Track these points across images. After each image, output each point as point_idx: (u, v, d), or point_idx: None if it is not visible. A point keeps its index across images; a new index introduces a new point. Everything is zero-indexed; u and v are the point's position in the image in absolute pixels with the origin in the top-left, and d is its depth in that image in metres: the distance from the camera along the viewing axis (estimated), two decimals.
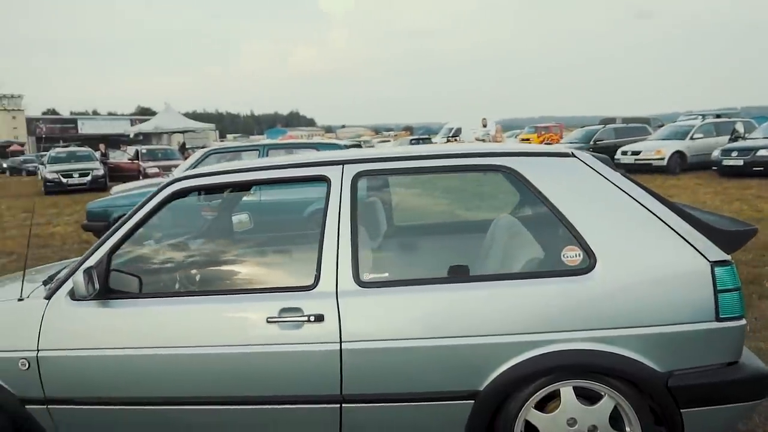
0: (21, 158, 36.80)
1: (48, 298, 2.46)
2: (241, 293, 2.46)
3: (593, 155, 2.41)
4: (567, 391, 2.19)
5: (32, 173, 27.91)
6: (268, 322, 2.26)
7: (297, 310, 2.25)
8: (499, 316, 2.19)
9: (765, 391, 2.21)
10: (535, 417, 2.22)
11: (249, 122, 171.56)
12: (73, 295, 2.37)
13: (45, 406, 2.44)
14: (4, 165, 36.44)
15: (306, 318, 2.23)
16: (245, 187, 2.68)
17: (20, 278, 2.71)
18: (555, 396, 2.22)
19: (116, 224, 2.51)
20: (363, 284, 2.27)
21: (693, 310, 2.15)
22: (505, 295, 2.22)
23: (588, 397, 2.20)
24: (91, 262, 2.40)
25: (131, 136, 27.16)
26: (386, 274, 2.44)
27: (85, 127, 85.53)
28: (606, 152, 16.69)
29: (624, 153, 15.76)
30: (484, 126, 16.67)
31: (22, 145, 57.35)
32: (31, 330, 2.41)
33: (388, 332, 2.22)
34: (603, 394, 2.18)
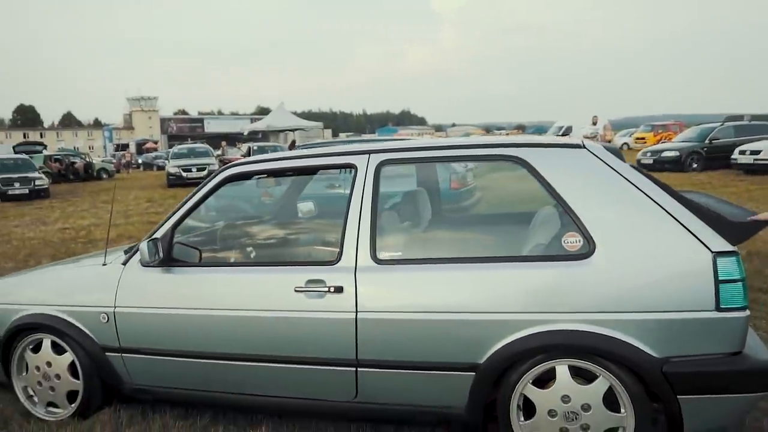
0: (153, 154, 40.44)
1: (124, 264, 2.93)
2: (277, 265, 2.79)
3: (605, 147, 2.48)
4: (562, 370, 2.30)
5: (162, 168, 30.61)
6: (296, 291, 2.56)
7: (320, 281, 2.54)
8: (499, 296, 2.34)
9: None
10: (532, 392, 2.35)
11: (361, 121, 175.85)
12: (143, 262, 2.81)
13: (120, 354, 2.91)
14: (139, 161, 40.25)
15: (327, 289, 2.51)
16: (285, 173, 3.01)
17: (113, 250, 3.23)
18: (555, 375, 2.33)
19: (180, 203, 2.93)
20: (379, 261, 2.51)
21: (692, 299, 2.18)
22: (507, 277, 2.37)
23: (585, 377, 2.30)
24: (158, 234, 2.84)
25: (245, 134, 29.00)
26: (400, 253, 2.66)
27: (210, 126, 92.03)
28: (722, 151, 15.67)
29: (742, 152, 14.61)
30: (594, 124, 16.16)
31: (155, 142, 62.93)
32: (110, 290, 2.90)
33: (399, 305, 2.45)
34: (598, 374, 2.27)
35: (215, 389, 2.80)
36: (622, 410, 2.27)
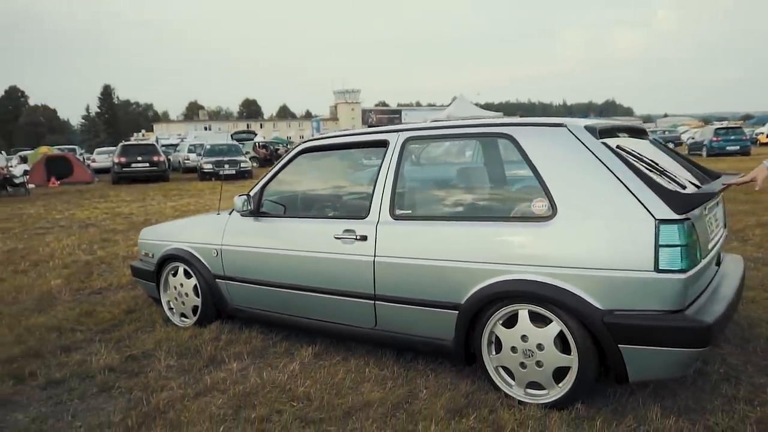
0: None
1: (230, 213, 3.92)
2: (328, 218, 3.53)
3: (586, 126, 2.79)
4: (523, 313, 2.72)
5: None
6: (335, 237, 3.29)
7: (352, 231, 3.23)
8: (478, 248, 2.82)
9: (703, 342, 2.39)
10: (501, 331, 2.79)
11: (560, 112, 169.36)
12: (237, 210, 3.76)
13: (225, 281, 3.90)
14: None
15: (356, 237, 3.20)
16: (340, 147, 3.72)
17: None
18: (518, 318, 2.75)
19: (269, 170, 3.82)
20: (396, 217, 3.13)
21: (635, 260, 2.46)
22: (485, 233, 2.83)
23: (542, 321, 2.69)
24: (251, 192, 3.76)
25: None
26: (411, 212, 3.20)
27: (408, 117, 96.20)
28: None
29: None
30: None
31: None
32: (219, 232, 3.90)
33: (404, 252, 3.04)
34: (551, 320, 2.65)
35: (285, 312, 3.64)
36: (572, 353, 2.62)
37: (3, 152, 37.65)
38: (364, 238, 3.18)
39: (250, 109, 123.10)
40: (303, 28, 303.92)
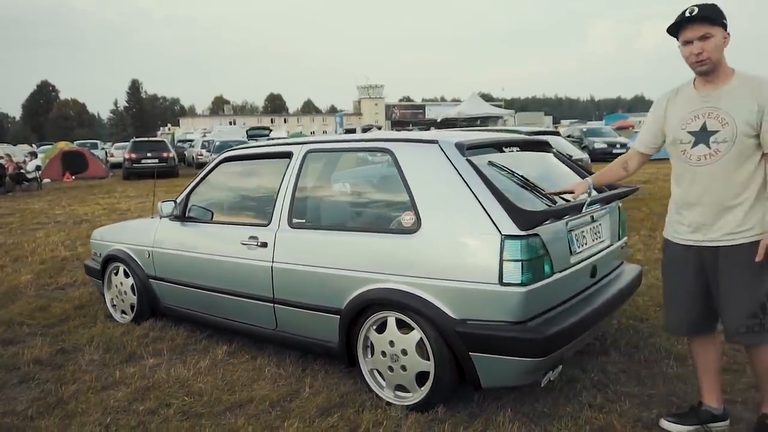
0: None
1: (161, 217, 4.15)
2: (239, 225, 3.73)
3: (457, 143, 2.93)
4: (391, 320, 2.89)
5: None
6: (241, 243, 3.50)
7: (255, 237, 3.43)
8: (355, 257, 3.01)
9: (541, 353, 2.53)
10: (373, 335, 2.97)
11: (588, 107, 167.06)
12: (162, 215, 3.99)
13: (156, 281, 4.14)
14: None
15: (258, 243, 3.40)
16: (255, 157, 3.92)
17: None
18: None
19: (195, 177, 4.04)
20: (292, 225, 3.32)
21: (483, 272, 2.61)
22: (360, 243, 3.01)
23: (408, 327, 2.85)
24: (178, 198, 3.99)
25: (438, 120, 30.43)
26: (304, 221, 3.39)
27: (431, 113, 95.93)
28: None
29: None
30: None
31: (379, 128, 67.85)
32: (151, 234, 4.15)
33: (296, 259, 3.24)
34: (414, 327, 2.82)
35: (205, 312, 3.87)
36: (430, 359, 2.78)
37: (34, 145, 38.79)
38: (264, 244, 3.38)
39: (275, 104, 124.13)
40: (329, 24, 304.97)
